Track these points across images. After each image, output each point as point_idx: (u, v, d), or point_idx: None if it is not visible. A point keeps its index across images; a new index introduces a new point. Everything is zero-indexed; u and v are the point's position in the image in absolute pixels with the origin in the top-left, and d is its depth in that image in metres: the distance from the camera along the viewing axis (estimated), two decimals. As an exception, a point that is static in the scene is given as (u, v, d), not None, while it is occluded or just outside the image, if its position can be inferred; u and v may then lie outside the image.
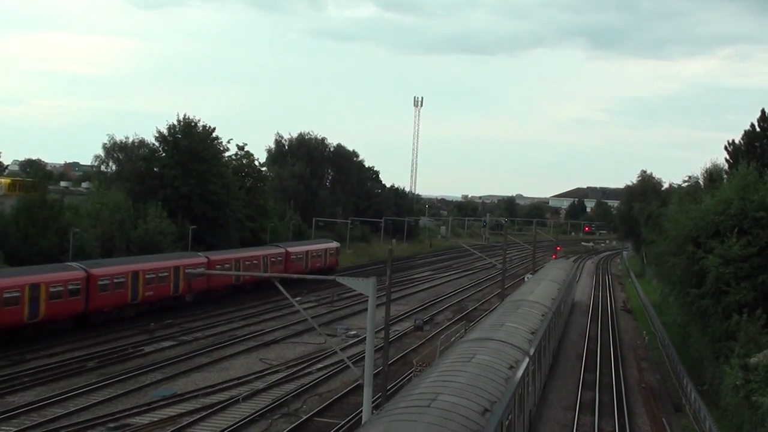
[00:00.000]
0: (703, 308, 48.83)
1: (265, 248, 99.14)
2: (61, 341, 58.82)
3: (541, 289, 64.76)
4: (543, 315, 50.38)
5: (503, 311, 50.60)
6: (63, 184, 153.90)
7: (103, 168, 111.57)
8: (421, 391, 25.74)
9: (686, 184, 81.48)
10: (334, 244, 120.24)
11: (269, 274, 77.45)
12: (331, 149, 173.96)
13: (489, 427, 23.60)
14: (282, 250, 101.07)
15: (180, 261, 76.20)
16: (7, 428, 38.52)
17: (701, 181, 76.53)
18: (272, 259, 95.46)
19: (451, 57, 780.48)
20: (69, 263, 66.15)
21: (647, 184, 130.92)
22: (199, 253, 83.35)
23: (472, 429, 22.40)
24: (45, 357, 54.40)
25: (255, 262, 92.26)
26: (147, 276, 71.23)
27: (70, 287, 62.27)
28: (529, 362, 35.81)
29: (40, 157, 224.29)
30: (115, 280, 66.98)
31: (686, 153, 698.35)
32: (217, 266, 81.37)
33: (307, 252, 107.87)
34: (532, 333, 42.43)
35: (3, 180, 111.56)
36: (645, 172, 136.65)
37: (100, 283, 65.20)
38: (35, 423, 39.47)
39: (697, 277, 50.36)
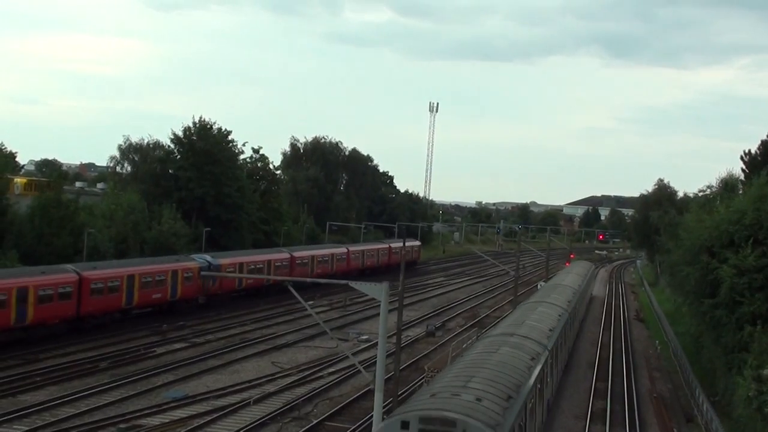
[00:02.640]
0: (716, 318, 48.59)
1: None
2: (73, 341, 58.94)
3: (558, 291, 69.11)
4: (560, 315, 54.44)
5: (524, 310, 55.23)
6: (78, 184, 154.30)
7: (118, 169, 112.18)
8: (455, 375, 31.29)
9: (702, 193, 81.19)
10: (416, 243, 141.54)
11: (290, 278, 77.02)
12: (346, 153, 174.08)
13: (513, 410, 27.66)
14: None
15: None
16: (19, 427, 38.66)
17: (717, 191, 76.26)
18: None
19: (466, 63, 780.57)
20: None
21: (662, 193, 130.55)
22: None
23: (499, 411, 26.45)
24: (58, 356, 54.56)
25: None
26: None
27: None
28: (548, 356, 40.18)
29: (56, 158, 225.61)
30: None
31: (702, 162, 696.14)
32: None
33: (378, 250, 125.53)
34: (551, 330, 46.99)
35: (19, 180, 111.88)
36: (661, 180, 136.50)
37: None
38: (47, 422, 39.60)
39: (711, 288, 50.11)
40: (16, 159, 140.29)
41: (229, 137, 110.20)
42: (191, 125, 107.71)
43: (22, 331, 57.53)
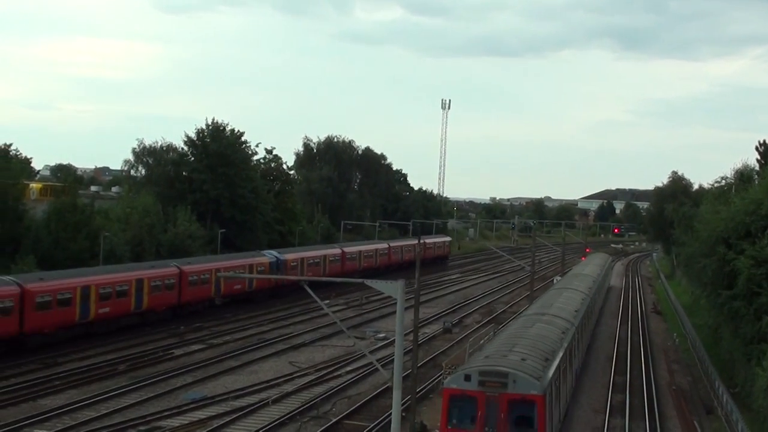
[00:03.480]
0: (734, 310, 48.43)
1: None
2: (93, 344, 59.12)
3: (579, 279, 76.85)
4: (582, 299, 61.40)
5: (551, 295, 63.27)
6: (93, 188, 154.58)
7: (132, 172, 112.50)
8: (501, 343, 39.20)
9: (717, 185, 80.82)
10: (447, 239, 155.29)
11: (299, 278, 77.19)
12: (359, 152, 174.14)
13: (551, 368, 35.14)
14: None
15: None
16: (40, 431, 38.81)
17: (732, 182, 75.91)
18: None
19: (478, 59, 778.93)
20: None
21: (677, 186, 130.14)
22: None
23: (539, 368, 34.07)
24: (77, 360, 54.75)
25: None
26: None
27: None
28: (574, 331, 47.59)
29: (71, 162, 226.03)
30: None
31: (716, 154, 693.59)
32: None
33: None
34: (576, 311, 54.10)
35: (34, 185, 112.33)
36: (676, 173, 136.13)
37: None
38: (67, 426, 39.75)
39: (728, 279, 49.95)
40: (32, 164, 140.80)
41: (242, 138, 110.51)
42: (204, 127, 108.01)
43: None
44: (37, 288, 56.59)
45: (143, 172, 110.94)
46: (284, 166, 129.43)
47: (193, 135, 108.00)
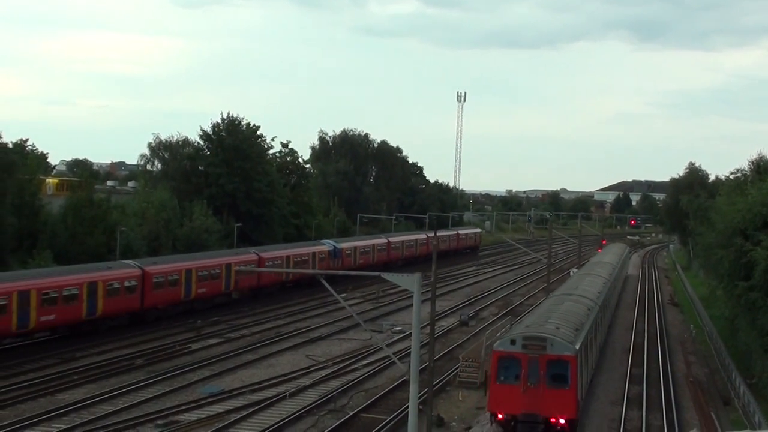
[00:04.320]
0: (751, 301, 48.24)
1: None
2: (110, 339, 59.31)
3: (601, 266, 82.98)
4: (604, 283, 67.73)
5: (576, 279, 70.73)
6: (109, 183, 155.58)
7: (148, 167, 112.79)
8: (537, 317, 46.05)
9: (734, 176, 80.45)
10: (477, 230, 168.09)
11: (314, 271, 77.21)
12: (375, 145, 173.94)
13: (580, 336, 41.87)
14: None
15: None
16: (58, 426, 38.99)
17: (749, 173, 75.54)
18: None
19: (493, 52, 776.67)
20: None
21: (694, 177, 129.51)
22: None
23: (571, 335, 40.80)
24: (95, 354, 54.90)
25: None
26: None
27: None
28: (598, 309, 53.79)
29: (87, 157, 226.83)
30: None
31: (733, 145, 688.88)
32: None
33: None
34: (599, 292, 59.83)
35: (51, 180, 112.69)
36: (693, 164, 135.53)
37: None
38: (85, 420, 39.92)
39: (746, 270, 49.76)
40: (48, 160, 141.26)
41: (258, 132, 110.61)
42: (220, 121, 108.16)
43: None
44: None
45: (159, 166, 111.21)
46: (300, 160, 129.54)
47: (208, 129, 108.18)
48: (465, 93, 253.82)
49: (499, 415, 38.47)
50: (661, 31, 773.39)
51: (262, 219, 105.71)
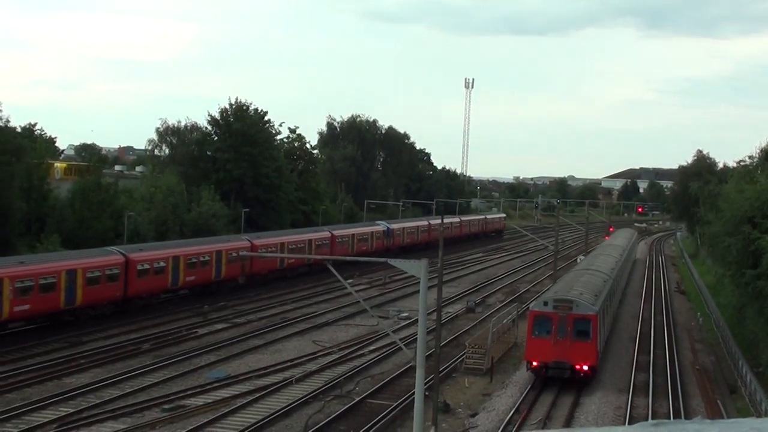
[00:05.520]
0: (758, 289, 48.09)
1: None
2: (117, 324, 59.32)
3: (612, 247, 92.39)
4: (616, 261, 76.32)
5: (591, 258, 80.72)
6: (117, 168, 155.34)
7: (156, 152, 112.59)
8: (561, 286, 55.99)
9: (742, 163, 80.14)
10: (502, 216, 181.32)
11: (320, 257, 76.94)
12: (383, 131, 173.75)
13: (599, 301, 50.47)
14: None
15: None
16: (66, 409, 39.05)
17: (757, 161, 75.24)
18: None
19: (502, 37, 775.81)
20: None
21: (702, 164, 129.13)
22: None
23: (592, 300, 49.64)
24: (101, 339, 54.92)
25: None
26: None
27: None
28: (612, 282, 62.53)
29: (95, 142, 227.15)
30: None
31: (742, 133, 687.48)
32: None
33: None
34: (612, 269, 68.87)
35: (59, 164, 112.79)
36: (701, 151, 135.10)
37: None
38: (92, 404, 39.98)
39: (753, 258, 49.59)
40: (56, 144, 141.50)
41: (266, 118, 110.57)
42: (227, 107, 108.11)
43: None
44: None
45: (167, 151, 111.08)
46: (308, 146, 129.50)
47: (216, 115, 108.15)
48: (473, 79, 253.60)
49: (534, 363, 46.63)
50: (670, 17, 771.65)
51: (269, 204, 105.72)
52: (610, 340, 58.93)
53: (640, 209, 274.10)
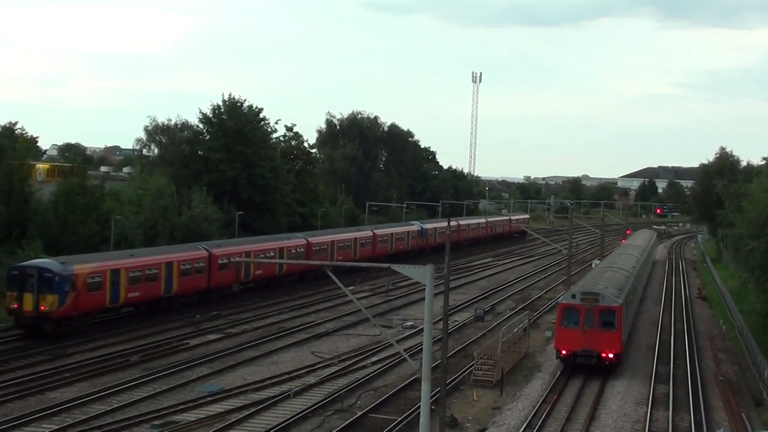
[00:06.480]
0: (785, 295, 48.20)
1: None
2: (103, 335, 59.33)
3: (632, 248, 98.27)
4: (636, 260, 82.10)
5: (612, 257, 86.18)
6: (103, 169, 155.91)
7: (145, 152, 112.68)
8: (587, 281, 63.01)
9: (767, 162, 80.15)
10: (525, 216, 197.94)
11: (320, 262, 76.87)
12: (385, 129, 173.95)
13: (623, 296, 56.59)
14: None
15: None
16: (49, 426, 39.03)
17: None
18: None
19: (511, 29, 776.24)
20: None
21: (724, 162, 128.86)
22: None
23: (617, 293, 56.15)
24: (87, 351, 54.90)
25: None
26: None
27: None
28: (633, 278, 68.85)
29: (80, 141, 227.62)
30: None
31: (767, 128, 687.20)
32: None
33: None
34: (633, 267, 74.90)
35: (41, 166, 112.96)
36: (723, 149, 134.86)
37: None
38: (77, 420, 39.95)
39: (779, 262, 49.66)
40: (38, 144, 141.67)
41: (261, 115, 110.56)
42: (220, 103, 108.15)
43: None
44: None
45: (156, 151, 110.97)
46: (305, 145, 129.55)
47: (208, 112, 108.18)
48: (480, 73, 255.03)
49: (563, 351, 53.37)
50: (688, 6, 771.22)
51: (264, 207, 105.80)
52: (628, 348, 59.00)
53: (658, 210, 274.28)
